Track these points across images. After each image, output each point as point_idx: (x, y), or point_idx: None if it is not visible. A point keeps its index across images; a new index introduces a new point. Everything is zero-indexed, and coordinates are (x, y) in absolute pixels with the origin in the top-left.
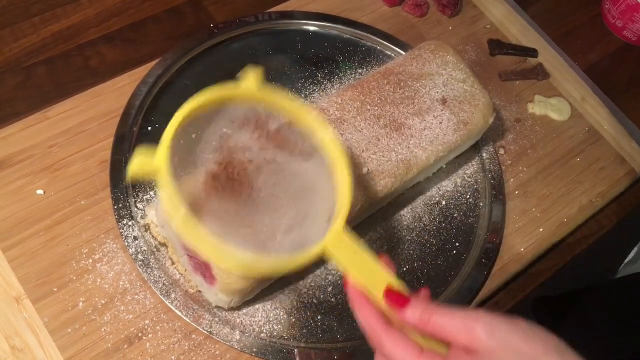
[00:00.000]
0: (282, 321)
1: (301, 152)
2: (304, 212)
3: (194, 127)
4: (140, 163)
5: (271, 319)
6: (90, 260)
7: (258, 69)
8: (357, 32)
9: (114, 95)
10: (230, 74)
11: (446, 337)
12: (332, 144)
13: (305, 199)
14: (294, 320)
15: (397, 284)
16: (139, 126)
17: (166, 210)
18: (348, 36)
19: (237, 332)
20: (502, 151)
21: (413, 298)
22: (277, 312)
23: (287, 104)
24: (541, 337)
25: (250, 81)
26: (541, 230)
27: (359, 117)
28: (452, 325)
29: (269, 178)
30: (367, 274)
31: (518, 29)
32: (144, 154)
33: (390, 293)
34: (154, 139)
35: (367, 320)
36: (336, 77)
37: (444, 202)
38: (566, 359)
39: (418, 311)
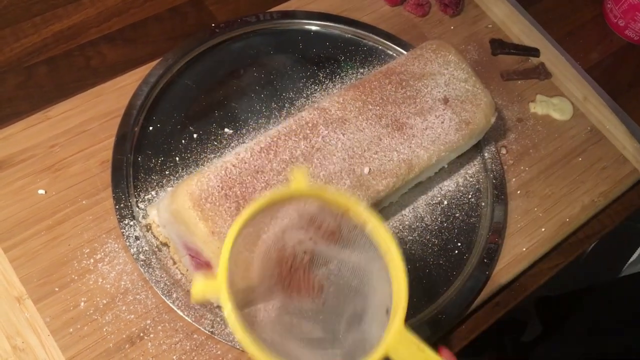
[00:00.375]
0: None
1: (354, 246)
2: (361, 307)
3: (250, 236)
4: (202, 288)
5: None
6: (92, 260)
7: (304, 168)
8: (359, 31)
9: (115, 95)
10: (231, 73)
11: None
12: (384, 235)
13: (362, 294)
14: None
15: None
16: (140, 126)
17: (232, 329)
18: (349, 35)
19: None
20: (503, 151)
21: None
22: None
23: (338, 199)
24: None
25: (299, 180)
26: (543, 230)
27: (360, 117)
28: None
29: (328, 277)
30: None
31: (520, 29)
32: (203, 278)
33: None
34: (155, 139)
35: None
36: (337, 76)
37: (445, 202)
38: None
39: None
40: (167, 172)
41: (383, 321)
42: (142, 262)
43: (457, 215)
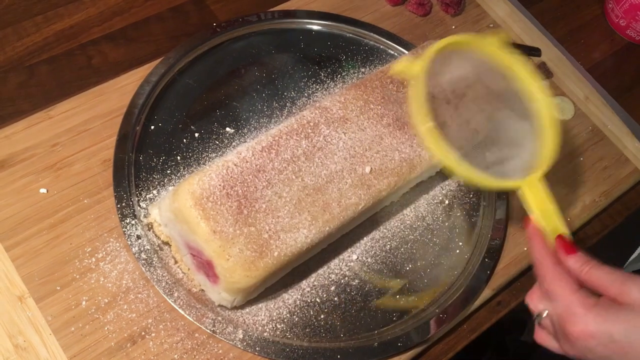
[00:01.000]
0: (285, 320)
1: (521, 111)
2: (510, 155)
3: (443, 62)
4: (405, 64)
5: (274, 318)
6: (93, 259)
7: (502, 34)
8: (360, 30)
9: (117, 94)
10: (232, 73)
11: (599, 287)
12: (547, 110)
13: (516, 147)
14: (296, 319)
15: (569, 236)
16: (142, 125)
17: (413, 116)
18: (351, 35)
19: (240, 331)
20: None
21: (579, 250)
22: (280, 311)
23: (520, 70)
24: None
25: (496, 40)
26: None
27: (362, 116)
28: (608, 277)
29: (494, 119)
30: (548, 219)
31: (521, 28)
32: (409, 59)
33: (562, 239)
34: (157, 138)
35: (539, 253)
36: (339, 75)
37: (447, 201)
38: None
39: (581, 260)
40: (168, 171)
41: (521, 174)
42: (143, 261)
43: (458, 214)
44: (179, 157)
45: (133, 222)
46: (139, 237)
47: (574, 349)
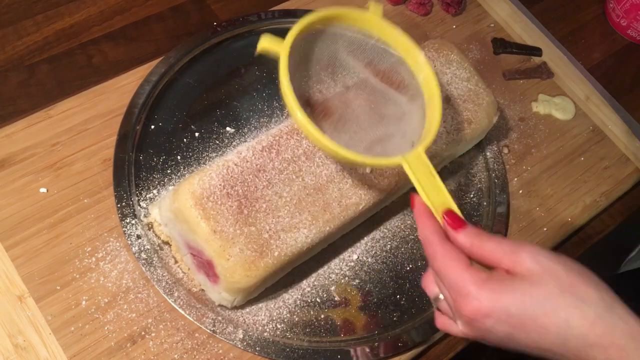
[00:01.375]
0: (285, 320)
1: (401, 85)
2: (391, 132)
3: (310, 41)
4: (270, 41)
5: (274, 318)
6: (93, 259)
7: (379, 5)
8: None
9: (117, 93)
10: (233, 72)
11: (492, 260)
12: (431, 82)
13: (395, 123)
14: (296, 318)
15: (457, 210)
16: (142, 124)
17: (282, 90)
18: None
19: (240, 331)
20: (505, 150)
21: (468, 223)
22: (280, 310)
23: (400, 39)
24: (581, 271)
25: (375, 11)
26: (545, 229)
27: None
28: (499, 249)
29: (369, 99)
30: (434, 195)
31: (522, 28)
32: (271, 36)
33: (450, 213)
34: (157, 138)
35: (426, 230)
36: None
37: None
38: (603, 293)
39: (471, 234)
40: (168, 171)
41: (407, 150)
42: (143, 261)
43: None
44: (179, 157)
45: (133, 221)
46: (139, 236)
47: (473, 331)
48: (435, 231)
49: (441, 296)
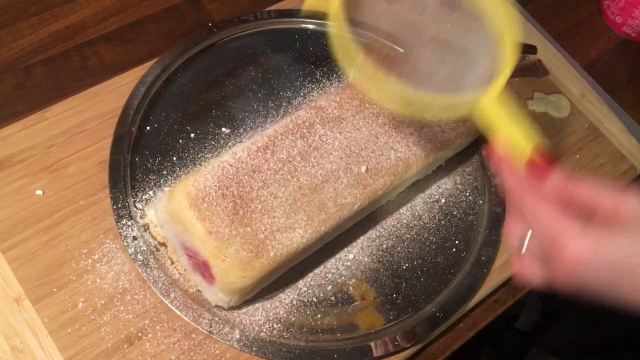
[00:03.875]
0: (282, 320)
1: (471, 28)
2: (465, 72)
3: None
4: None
5: (271, 318)
6: (90, 260)
7: None
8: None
9: (113, 95)
10: (228, 73)
11: (591, 201)
12: (502, 14)
13: (471, 62)
14: (293, 319)
15: (546, 148)
16: (137, 126)
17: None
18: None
19: (237, 331)
20: None
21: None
22: (277, 310)
23: None
24: None
25: None
26: None
27: (357, 115)
28: (599, 192)
29: (433, 51)
30: (515, 138)
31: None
32: None
33: (540, 151)
34: (153, 139)
35: (511, 175)
36: (334, 75)
37: (443, 200)
38: None
39: (562, 178)
40: (164, 172)
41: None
42: (140, 262)
43: (454, 213)
44: (174, 158)
45: (129, 223)
46: (135, 238)
47: (570, 280)
48: (522, 172)
49: (529, 234)
